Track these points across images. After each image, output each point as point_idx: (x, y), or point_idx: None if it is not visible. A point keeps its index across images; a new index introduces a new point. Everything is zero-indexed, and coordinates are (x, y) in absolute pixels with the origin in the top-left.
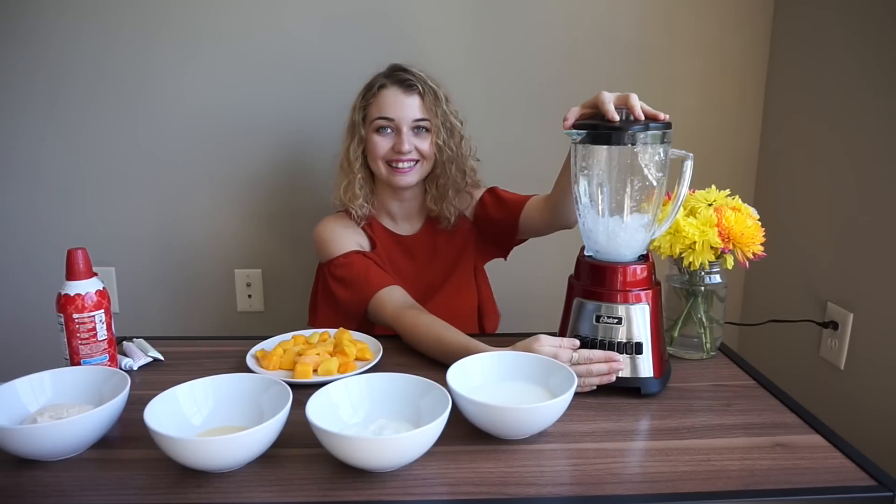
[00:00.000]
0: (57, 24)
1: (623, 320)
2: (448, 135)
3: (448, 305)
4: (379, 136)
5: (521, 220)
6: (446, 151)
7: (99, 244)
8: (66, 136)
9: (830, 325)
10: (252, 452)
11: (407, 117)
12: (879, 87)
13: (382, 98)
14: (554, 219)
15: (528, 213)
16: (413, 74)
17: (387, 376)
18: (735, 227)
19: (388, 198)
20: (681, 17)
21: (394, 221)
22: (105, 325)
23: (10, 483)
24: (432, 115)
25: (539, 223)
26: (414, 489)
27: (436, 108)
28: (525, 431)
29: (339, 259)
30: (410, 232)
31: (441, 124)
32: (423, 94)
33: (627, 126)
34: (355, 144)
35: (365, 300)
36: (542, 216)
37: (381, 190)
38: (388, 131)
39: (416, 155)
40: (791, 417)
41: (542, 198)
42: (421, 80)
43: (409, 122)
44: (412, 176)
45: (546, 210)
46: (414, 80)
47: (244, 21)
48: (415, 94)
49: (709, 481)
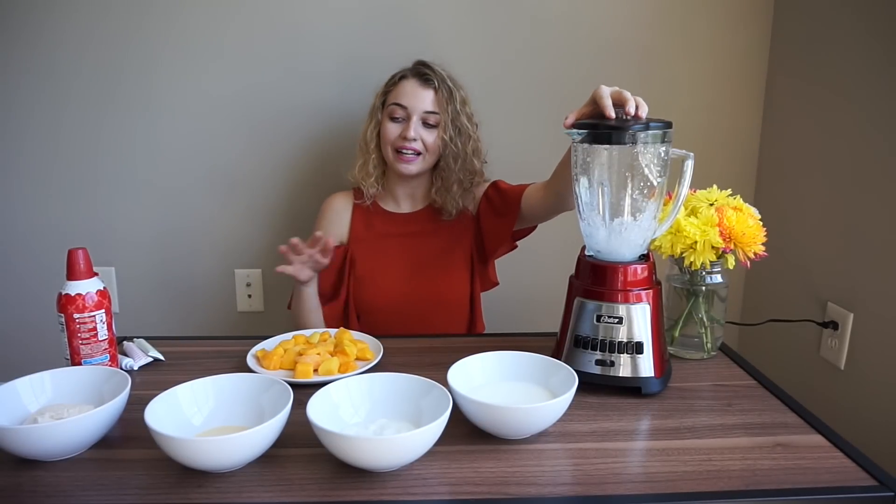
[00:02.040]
0: (59, 25)
1: (624, 320)
2: (455, 133)
3: (438, 290)
4: (392, 122)
5: (522, 207)
6: (451, 148)
7: (99, 244)
8: (66, 137)
9: (830, 325)
10: (252, 452)
11: (418, 108)
12: (880, 87)
13: (401, 87)
14: (555, 203)
15: (528, 201)
16: (433, 71)
17: (388, 376)
18: (736, 227)
19: (396, 182)
20: (681, 17)
21: (396, 203)
22: (105, 324)
23: (10, 483)
24: (443, 110)
25: (540, 209)
26: (415, 489)
27: (448, 104)
28: (525, 431)
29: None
30: (410, 210)
31: (450, 121)
32: (437, 89)
33: (628, 125)
34: (372, 127)
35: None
36: (544, 202)
37: (391, 173)
38: (399, 119)
39: (420, 146)
40: (792, 417)
41: (541, 184)
42: (439, 77)
43: (420, 113)
44: (414, 166)
45: (547, 195)
46: (432, 76)
47: (245, 22)
48: (430, 88)
49: (709, 481)
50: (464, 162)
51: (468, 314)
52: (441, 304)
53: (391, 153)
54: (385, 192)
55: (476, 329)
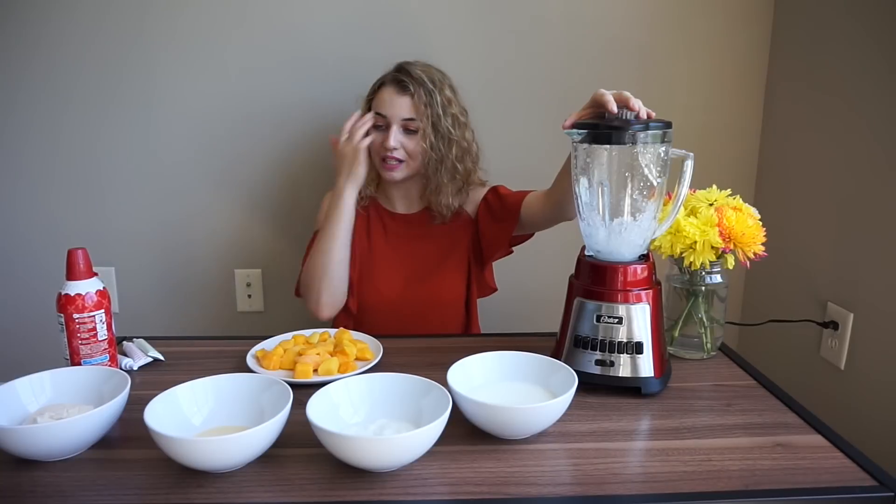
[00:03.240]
0: (59, 25)
1: (623, 320)
2: (436, 137)
3: (434, 291)
4: (375, 129)
5: (522, 215)
6: (433, 154)
7: (99, 244)
8: (66, 137)
9: (830, 325)
10: (252, 452)
11: (397, 115)
12: (880, 87)
13: (380, 95)
14: (555, 213)
15: (529, 208)
16: (411, 76)
17: (387, 376)
18: (736, 227)
19: (390, 185)
20: (681, 16)
21: (392, 204)
22: (105, 324)
23: (10, 483)
24: (421, 116)
25: (541, 217)
26: (414, 489)
27: (427, 108)
28: (525, 431)
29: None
30: (407, 212)
31: (431, 126)
32: (413, 94)
33: (627, 125)
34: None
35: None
36: (544, 210)
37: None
38: (381, 127)
39: (401, 154)
40: (792, 417)
41: (542, 192)
42: (417, 82)
43: (398, 120)
44: (398, 173)
45: (547, 205)
46: (408, 82)
47: (246, 22)
48: (406, 95)
49: (709, 481)
50: (451, 166)
51: (464, 317)
52: (436, 305)
53: (377, 161)
54: (382, 193)
55: (471, 332)
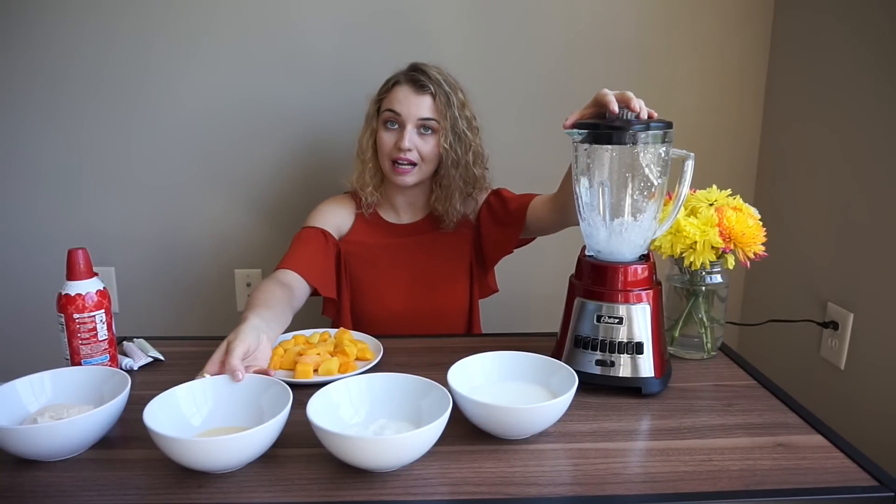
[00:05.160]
0: (57, 24)
1: (624, 320)
2: (455, 139)
3: (438, 301)
4: (386, 131)
5: (527, 220)
6: (451, 155)
7: (99, 244)
8: (66, 136)
9: (830, 325)
10: (252, 453)
11: (413, 115)
12: (880, 87)
13: (394, 93)
14: (562, 218)
15: (534, 213)
16: (428, 76)
17: (387, 376)
18: (736, 227)
19: (395, 192)
20: (681, 17)
21: (396, 213)
22: (105, 325)
23: (10, 483)
24: (441, 116)
25: (546, 223)
26: (415, 489)
27: (446, 110)
28: (526, 431)
29: (301, 231)
30: (410, 221)
31: (449, 127)
32: (434, 95)
33: (628, 125)
34: (368, 135)
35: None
36: (550, 216)
37: (389, 183)
38: (394, 126)
39: (415, 156)
40: (792, 417)
41: (547, 197)
42: (435, 83)
43: (415, 120)
44: (410, 177)
45: (553, 210)
46: (426, 81)
47: (245, 21)
48: (426, 95)
49: (710, 481)
50: (465, 169)
51: (466, 322)
52: (441, 315)
53: (387, 164)
54: (384, 201)
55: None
